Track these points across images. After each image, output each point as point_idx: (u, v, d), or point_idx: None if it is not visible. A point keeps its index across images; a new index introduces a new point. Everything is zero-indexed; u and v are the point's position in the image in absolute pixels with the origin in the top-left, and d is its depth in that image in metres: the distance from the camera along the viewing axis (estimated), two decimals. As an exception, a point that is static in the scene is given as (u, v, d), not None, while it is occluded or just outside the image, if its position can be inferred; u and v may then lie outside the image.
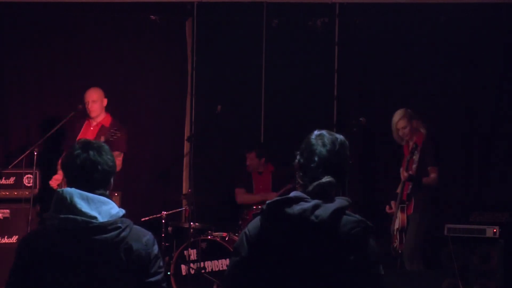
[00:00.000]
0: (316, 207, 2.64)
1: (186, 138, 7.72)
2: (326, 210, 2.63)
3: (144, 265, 2.78)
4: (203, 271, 6.69)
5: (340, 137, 2.82)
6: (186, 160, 7.89)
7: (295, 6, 7.79)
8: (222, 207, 7.70)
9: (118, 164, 6.00)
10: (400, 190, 6.56)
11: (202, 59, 7.92)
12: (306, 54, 7.79)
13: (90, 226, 2.69)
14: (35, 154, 6.72)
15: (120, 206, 2.81)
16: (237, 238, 6.43)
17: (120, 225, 2.73)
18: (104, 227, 2.70)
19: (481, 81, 7.54)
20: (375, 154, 7.75)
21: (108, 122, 6.97)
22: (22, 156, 6.80)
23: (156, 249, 2.84)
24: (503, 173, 7.42)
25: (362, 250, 2.65)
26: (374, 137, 7.67)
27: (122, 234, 2.73)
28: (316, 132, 2.82)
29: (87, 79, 7.54)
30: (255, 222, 2.77)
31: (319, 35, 7.76)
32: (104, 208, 2.74)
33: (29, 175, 6.95)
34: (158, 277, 2.81)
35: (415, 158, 6.37)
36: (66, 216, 2.70)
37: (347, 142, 2.83)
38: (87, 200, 2.73)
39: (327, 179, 2.70)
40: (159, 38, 7.89)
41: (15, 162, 6.92)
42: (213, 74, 7.89)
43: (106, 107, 7.07)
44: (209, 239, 6.80)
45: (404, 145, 6.72)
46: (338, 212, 2.65)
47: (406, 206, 6.51)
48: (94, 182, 2.80)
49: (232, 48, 7.80)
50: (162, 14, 7.79)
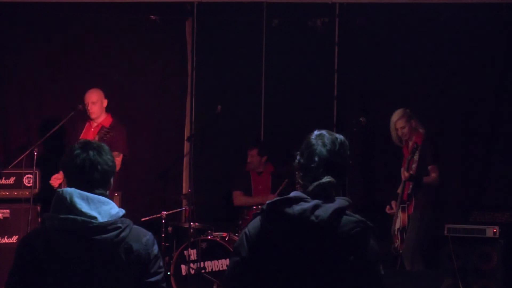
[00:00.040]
0: (316, 207, 2.63)
1: (186, 138, 7.72)
2: (326, 210, 2.63)
3: (144, 265, 2.78)
4: (203, 271, 6.69)
5: (340, 137, 2.82)
6: (186, 160, 7.88)
7: (295, 6, 7.78)
8: (222, 207, 7.71)
9: (117, 164, 5.98)
10: (401, 190, 6.56)
11: (202, 59, 7.91)
12: (306, 54, 7.78)
13: (90, 226, 2.68)
14: (35, 154, 6.73)
15: (120, 206, 2.81)
16: (237, 238, 6.43)
17: (120, 225, 2.73)
18: (104, 227, 2.70)
19: (481, 81, 7.53)
20: (375, 154, 7.74)
21: (108, 123, 6.96)
22: (22, 156, 6.80)
23: (156, 249, 2.83)
24: (503, 173, 7.41)
25: (362, 250, 2.65)
26: (374, 137, 7.66)
27: (122, 234, 2.73)
28: (316, 132, 2.82)
29: (87, 79, 7.55)
30: (255, 222, 2.76)
31: (319, 35, 7.75)
32: (104, 208, 2.74)
33: (29, 175, 6.95)
34: (158, 277, 2.81)
35: (416, 158, 6.37)
36: (66, 216, 2.70)
37: (347, 142, 2.83)
38: (87, 200, 2.73)
39: (327, 179, 2.70)
40: (159, 38, 7.89)
41: (15, 162, 6.93)
42: (213, 74, 7.89)
43: (106, 107, 7.07)
44: (209, 239, 6.80)
45: (403, 145, 6.73)
46: (338, 212, 2.65)
47: (407, 206, 6.52)
48: (94, 182, 2.79)
49: (232, 48, 7.80)
50: (162, 14, 7.78)
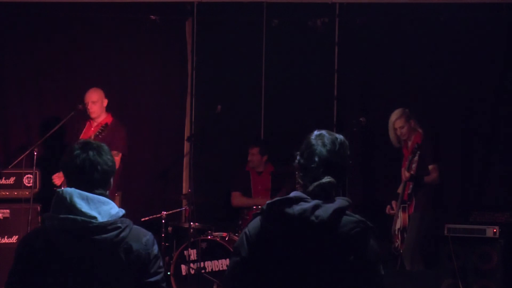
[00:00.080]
0: (316, 207, 2.63)
1: (186, 138, 7.72)
2: (326, 210, 2.63)
3: (143, 265, 2.77)
4: (203, 271, 6.68)
5: (340, 137, 2.82)
6: (186, 160, 7.88)
7: (295, 6, 7.78)
8: (222, 207, 7.70)
9: (116, 163, 5.98)
10: (401, 190, 6.56)
11: (202, 59, 7.91)
12: (306, 54, 7.78)
13: (90, 226, 2.68)
14: (35, 154, 6.72)
15: (120, 206, 2.82)
16: (237, 238, 6.45)
17: (119, 225, 2.73)
18: (103, 227, 2.69)
19: (481, 80, 7.53)
20: (375, 154, 7.74)
21: (108, 122, 6.95)
22: (22, 156, 6.79)
23: (156, 249, 2.83)
24: (503, 173, 7.41)
25: (362, 250, 2.65)
26: (374, 137, 7.66)
27: (122, 234, 2.73)
28: (316, 132, 2.82)
29: (87, 79, 7.55)
30: (255, 222, 2.76)
31: (319, 35, 7.75)
32: (104, 208, 2.74)
33: (29, 175, 6.95)
34: (158, 277, 2.81)
35: (416, 158, 6.37)
36: (65, 216, 2.70)
37: (347, 142, 2.83)
38: (87, 200, 2.73)
39: (328, 179, 2.70)
40: (159, 38, 7.89)
41: (15, 162, 6.92)
42: (213, 74, 7.88)
43: (106, 107, 7.07)
44: (209, 239, 6.79)
45: (403, 146, 6.73)
46: (338, 212, 2.65)
47: (407, 206, 6.52)
48: (94, 182, 2.79)
49: (232, 48, 7.80)
50: (162, 14, 7.78)
